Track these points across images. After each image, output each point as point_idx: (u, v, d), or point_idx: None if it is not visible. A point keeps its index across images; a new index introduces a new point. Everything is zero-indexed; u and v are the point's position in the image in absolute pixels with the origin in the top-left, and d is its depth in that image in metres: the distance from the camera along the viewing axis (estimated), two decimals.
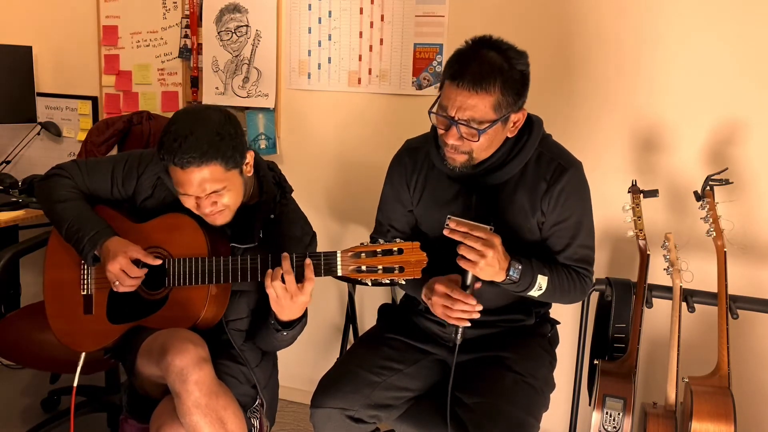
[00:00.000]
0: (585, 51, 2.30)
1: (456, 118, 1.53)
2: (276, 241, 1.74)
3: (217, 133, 1.56)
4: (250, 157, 1.66)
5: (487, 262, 1.50)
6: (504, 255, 1.55)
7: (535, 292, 1.62)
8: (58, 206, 1.74)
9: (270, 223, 1.75)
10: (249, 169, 1.67)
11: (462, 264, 1.53)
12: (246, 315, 1.77)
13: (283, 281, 1.53)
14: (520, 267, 1.57)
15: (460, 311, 1.57)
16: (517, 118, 1.60)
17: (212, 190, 1.58)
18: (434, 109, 1.59)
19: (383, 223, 1.86)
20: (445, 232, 1.52)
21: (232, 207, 1.66)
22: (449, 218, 1.53)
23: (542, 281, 1.61)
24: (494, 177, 1.67)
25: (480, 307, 1.57)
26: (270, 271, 1.54)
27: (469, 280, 1.58)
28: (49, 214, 1.78)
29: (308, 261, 1.54)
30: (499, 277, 1.56)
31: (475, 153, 1.59)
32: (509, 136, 1.63)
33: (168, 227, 1.71)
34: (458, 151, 1.59)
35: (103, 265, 1.66)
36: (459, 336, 1.61)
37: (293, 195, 1.88)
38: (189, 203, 1.63)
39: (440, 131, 1.60)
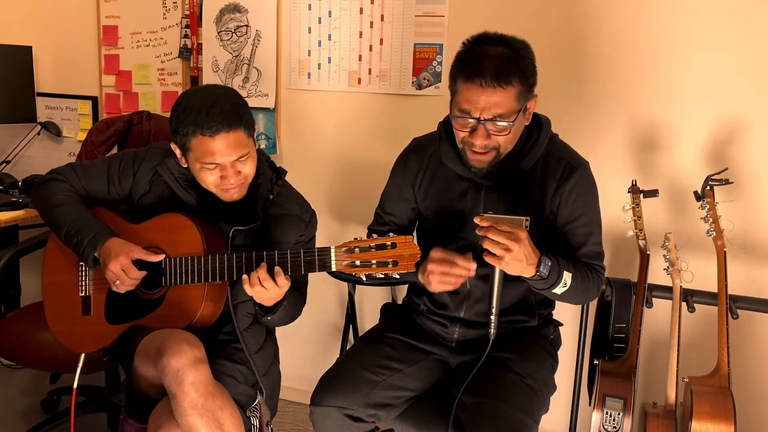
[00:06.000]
0: (586, 51, 2.29)
1: (482, 118, 1.53)
2: (277, 220, 1.77)
3: (235, 102, 1.62)
4: (255, 129, 1.70)
5: (513, 256, 1.47)
6: (533, 250, 1.52)
7: (559, 289, 1.59)
8: (55, 211, 1.74)
9: (269, 204, 1.77)
10: (256, 141, 1.72)
11: (488, 259, 1.50)
12: None
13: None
14: (549, 263, 1.55)
15: (456, 275, 1.53)
16: (531, 105, 1.61)
17: (239, 156, 1.61)
18: (454, 113, 1.58)
19: (382, 216, 1.87)
20: (478, 232, 1.50)
21: (249, 177, 1.69)
22: (481, 216, 1.50)
23: (567, 278, 1.59)
24: (505, 174, 1.67)
25: (474, 266, 1.52)
26: (245, 277, 1.58)
27: (496, 276, 1.55)
28: (46, 219, 1.78)
29: (277, 269, 1.56)
30: (528, 273, 1.54)
31: (502, 147, 1.59)
32: (526, 123, 1.64)
33: (164, 227, 1.72)
34: (487, 150, 1.58)
35: (103, 266, 1.67)
36: (493, 331, 1.59)
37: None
38: (210, 178, 1.64)
39: (463, 134, 1.59)
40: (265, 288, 1.56)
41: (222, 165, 1.62)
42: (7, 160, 3.01)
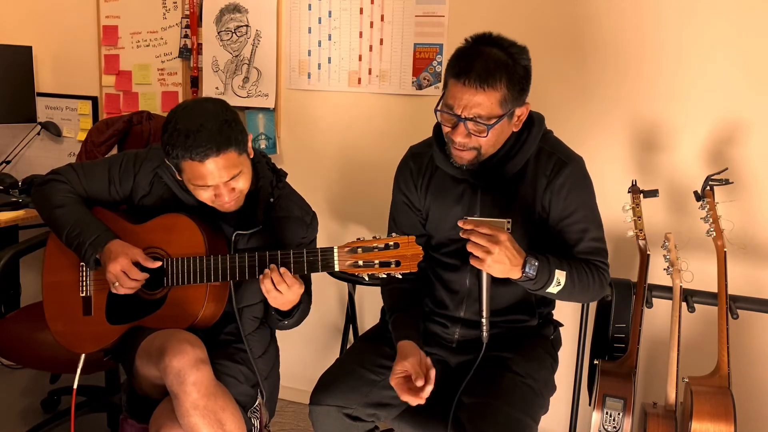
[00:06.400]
0: (586, 52, 2.29)
1: (463, 116, 1.53)
2: (278, 223, 1.77)
3: (224, 121, 1.59)
4: (249, 139, 1.69)
5: (494, 258, 1.47)
6: (517, 251, 1.51)
7: (553, 289, 1.58)
8: (56, 212, 1.74)
9: (270, 207, 1.77)
10: (251, 151, 1.69)
11: (472, 262, 1.51)
12: (260, 300, 1.79)
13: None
14: (536, 263, 1.54)
15: (407, 398, 1.57)
16: (521, 112, 1.60)
17: (230, 177, 1.60)
18: (439, 107, 1.59)
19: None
20: (461, 235, 1.51)
21: (245, 191, 1.68)
22: (464, 219, 1.51)
23: (560, 276, 1.57)
24: (498, 174, 1.66)
25: (416, 402, 1.56)
26: (264, 273, 1.58)
27: (484, 279, 1.56)
28: (47, 219, 1.78)
29: (283, 270, 1.57)
30: (514, 275, 1.53)
31: (483, 149, 1.59)
32: (514, 130, 1.63)
33: (165, 227, 1.72)
34: (466, 148, 1.58)
35: (104, 267, 1.67)
36: (485, 333, 1.60)
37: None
38: (205, 195, 1.64)
39: (446, 129, 1.60)
40: (280, 292, 1.57)
41: (215, 185, 1.61)
42: (7, 160, 3.01)
